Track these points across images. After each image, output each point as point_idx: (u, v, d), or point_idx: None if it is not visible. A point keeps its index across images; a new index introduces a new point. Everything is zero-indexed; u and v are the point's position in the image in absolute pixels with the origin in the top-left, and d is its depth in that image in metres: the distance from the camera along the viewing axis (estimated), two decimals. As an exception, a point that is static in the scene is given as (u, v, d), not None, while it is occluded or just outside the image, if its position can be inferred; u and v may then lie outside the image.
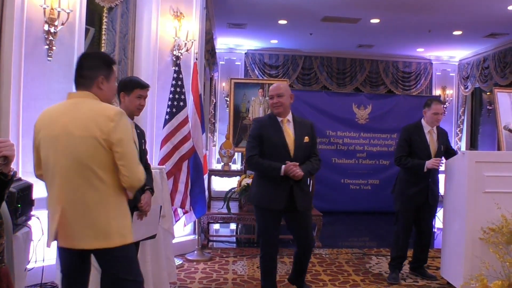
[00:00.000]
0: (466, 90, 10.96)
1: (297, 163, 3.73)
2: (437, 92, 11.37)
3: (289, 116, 3.93)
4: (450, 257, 4.51)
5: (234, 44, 10.79)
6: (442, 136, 4.80)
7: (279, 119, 3.89)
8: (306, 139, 3.87)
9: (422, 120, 4.80)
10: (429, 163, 4.55)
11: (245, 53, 10.98)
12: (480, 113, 11.09)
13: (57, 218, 2.45)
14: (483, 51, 10.22)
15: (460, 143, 11.24)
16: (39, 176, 2.65)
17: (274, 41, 10.37)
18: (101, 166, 2.42)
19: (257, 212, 3.99)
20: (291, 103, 3.93)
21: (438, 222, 8.07)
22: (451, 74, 11.56)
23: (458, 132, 11.31)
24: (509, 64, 9.15)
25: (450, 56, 11.37)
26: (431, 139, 4.74)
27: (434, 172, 4.70)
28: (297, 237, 4.04)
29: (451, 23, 8.31)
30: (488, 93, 10.43)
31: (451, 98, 11.43)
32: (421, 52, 11.00)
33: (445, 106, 11.22)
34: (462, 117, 11.26)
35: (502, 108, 7.21)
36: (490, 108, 10.37)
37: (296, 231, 4.02)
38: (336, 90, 10.90)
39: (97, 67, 2.52)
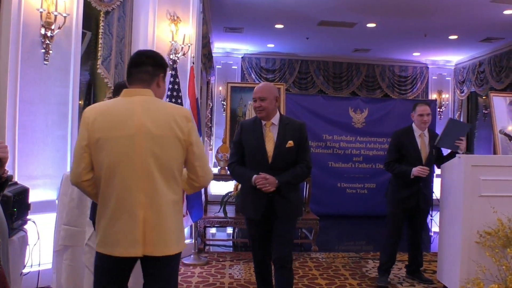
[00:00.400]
0: (462, 94, 11.00)
1: (267, 175, 3.39)
2: (433, 96, 11.41)
3: (275, 119, 3.57)
4: (447, 260, 4.52)
5: (231, 48, 10.80)
6: (434, 139, 4.69)
7: (263, 122, 3.58)
8: (290, 143, 3.50)
9: (413, 124, 4.79)
10: (415, 171, 4.51)
11: (242, 57, 11.00)
12: (476, 117, 11.13)
13: (140, 224, 2.24)
14: (479, 55, 10.26)
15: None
16: (85, 182, 2.30)
17: (271, 45, 10.39)
18: (178, 168, 2.35)
19: (244, 220, 3.84)
20: (276, 106, 3.58)
21: (434, 226, 8.08)
22: (447, 78, 11.60)
23: (454, 136, 11.32)
24: (505, 68, 9.19)
25: (446, 60, 11.41)
26: (422, 142, 4.71)
27: (426, 175, 4.63)
28: (273, 248, 3.57)
29: (447, 27, 8.35)
30: (484, 97, 10.46)
31: (447, 102, 11.47)
32: (417, 56, 11.04)
33: (441, 110, 11.26)
34: (458, 121, 11.28)
35: (498, 112, 7.24)
36: (486, 112, 10.40)
37: (272, 241, 3.57)
38: (332, 94, 10.92)
39: (159, 65, 2.45)
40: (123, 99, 2.34)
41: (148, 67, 2.39)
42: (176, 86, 5.14)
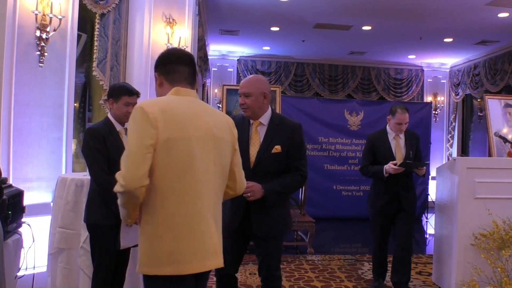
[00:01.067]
0: (457, 97, 11.03)
1: (251, 182, 2.83)
2: (428, 98, 11.44)
3: (264, 118, 3.05)
4: (442, 263, 4.52)
5: (227, 51, 10.81)
6: (411, 140, 4.50)
7: (251, 121, 3.09)
8: (277, 148, 2.98)
9: (387, 127, 4.54)
10: (387, 167, 4.28)
11: (238, 59, 11.00)
12: (471, 119, 11.16)
13: (215, 232, 2.09)
14: (474, 58, 10.30)
15: (451, 149, 11.29)
16: (143, 187, 1.93)
17: (267, 48, 10.40)
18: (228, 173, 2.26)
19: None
20: (265, 103, 3.02)
21: (430, 228, 8.10)
22: (442, 81, 11.63)
23: (450, 139, 11.37)
24: (500, 71, 9.22)
25: (441, 63, 11.44)
26: (397, 145, 4.47)
27: (404, 178, 4.35)
28: (260, 267, 3.14)
29: (442, 30, 8.37)
30: (479, 100, 10.50)
31: (442, 105, 11.50)
32: (413, 59, 11.07)
33: (436, 112, 11.29)
34: (453, 124, 11.32)
35: (493, 115, 7.26)
36: (481, 114, 10.44)
37: (258, 259, 3.14)
38: (328, 97, 10.94)
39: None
40: (179, 98, 2.10)
41: (194, 68, 2.24)
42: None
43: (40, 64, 4.30)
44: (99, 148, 3.12)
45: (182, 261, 1.95)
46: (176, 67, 2.16)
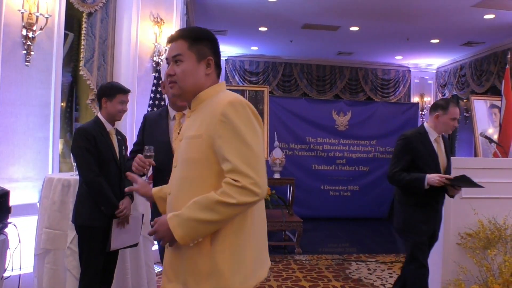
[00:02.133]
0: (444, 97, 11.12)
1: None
2: (415, 99, 11.52)
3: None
4: (429, 262, 4.55)
5: (215, 51, 10.78)
6: (445, 144, 3.80)
7: (171, 112, 3.07)
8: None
9: (426, 125, 3.74)
10: (432, 178, 3.41)
11: (226, 59, 10.99)
12: (458, 120, 11.24)
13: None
14: (460, 59, 10.40)
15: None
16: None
17: (255, 48, 10.40)
18: None
19: None
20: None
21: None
22: (429, 82, 11.72)
23: (436, 139, 11.44)
24: (485, 72, 9.32)
25: (428, 64, 11.53)
26: (439, 149, 3.68)
27: (443, 192, 3.61)
28: None
29: (429, 31, 8.44)
30: (465, 101, 10.59)
31: (429, 105, 11.58)
32: (400, 59, 11.14)
33: (423, 113, 11.38)
34: (440, 124, 11.38)
35: (479, 115, 7.33)
36: (467, 115, 10.53)
37: None
38: (316, 97, 10.97)
39: None
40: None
41: None
42: (159, 89, 5.11)
43: (26, 63, 4.26)
44: (89, 148, 3.11)
45: (259, 269, 1.88)
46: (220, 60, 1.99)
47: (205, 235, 1.73)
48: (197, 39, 1.92)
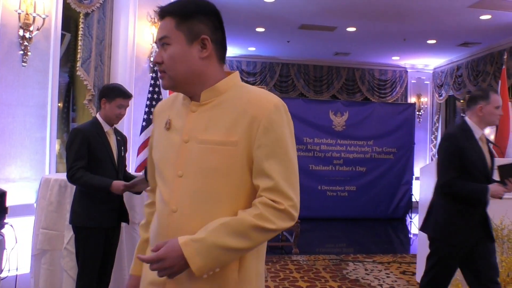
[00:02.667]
0: (440, 98, 11.14)
1: None
2: (412, 99, 11.53)
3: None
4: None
5: (212, 51, 10.77)
6: (489, 143, 3.34)
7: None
8: None
9: (468, 120, 3.23)
10: (496, 192, 2.97)
11: (223, 60, 10.98)
12: (454, 120, 11.28)
13: None
14: (457, 59, 10.42)
15: (434, 150, 11.40)
16: None
17: (252, 49, 10.40)
18: None
19: None
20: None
21: (413, 228, 8.17)
22: (425, 82, 11.74)
23: (433, 139, 11.47)
24: (482, 72, 9.34)
25: (424, 64, 11.55)
26: (485, 148, 3.19)
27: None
28: None
29: (426, 32, 8.45)
30: (461, 101, 10.62)
31: (426, 106, 11.61)
32: (397, 60, 11.15)
33: (420, 113, 11.39)
34: (437, 125, 11.43)
35: (475, 116, 7.33)
36: (463, 115, 10.55)
37: None
38: (313, 97, 10.97)
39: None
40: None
41: None
42: (156, 89, 5.11)
43: (23, 63, 4.26)
44: (80, 150, 3.08)
45: None
46: (224, 37, 1.62)
47: (225, 265, 1.44)
48: (187, 15, 1.51)
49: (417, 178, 4.77)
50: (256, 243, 1.44)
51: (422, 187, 4.75)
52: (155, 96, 5.07)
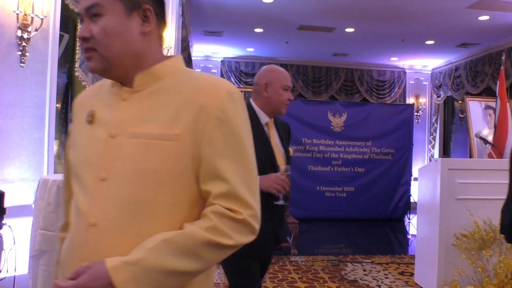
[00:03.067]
0: (439, 99, 11.15)
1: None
2: (410, 100, 11.54)
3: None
4: (424, 263, 4.56)
5: (211, 52, 10.79)
6: None
7: (264, 118, 2.68)
8: (291, 151, 2.67)
9: None
10: None
11: (221, 60, 10.99)
12: (452, 121, 11.29)
13: None
14: (455, 60, 10.43)
15: (433, 150, 11.41)
16: None
17: (250, 49, 10.40)
18: None
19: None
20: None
21: (412, 229, 8.17)
22: (424, 83, 11.75)
23: (431, 140, 11.48)
24: (480, 73, 9.35)
25: (423, 65, 11.56)
26: None
27: None
28: None
29: (424, 32, 8.46)
30: (460, 102, 10.63)
31: (424, 107, 11.62)
32: (395, 61, 11.16)
33: (418, 114, 11.40)
34: (435, 125, 11.44)
35: (474, 116, 7.36)
36: (462, 116, 10.57)
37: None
38: (311, 98, 10.97)
39: None
40: None
41: None
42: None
43: (21, 64, 4.25)
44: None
45: None
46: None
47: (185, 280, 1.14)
48: None
49: (415, 179, 4.77)
50: (209, 264, 1.14)
51: (420, 187, 4.75)
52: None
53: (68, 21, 5.23)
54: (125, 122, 1.19)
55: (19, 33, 4.18)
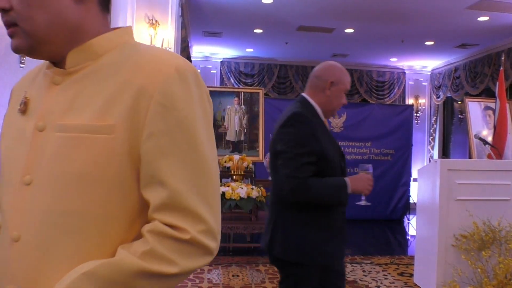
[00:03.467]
0: (438, 99, 11.15)
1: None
2: (410, 101, 11.55)
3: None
4: (423, 264, 4.57)
5: (210, 53, 10.79)
6: None
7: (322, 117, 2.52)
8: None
9: None
10: None
11: (221, 61, 10.99)
12: (451, 122, 11.29)
13: None
14: (455, 61, 10.43)
15: (432, 151, 11.41)
16: None
17: (250, 50, 10.40)
18: None
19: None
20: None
21: (411, 230, 8.18)
22: (423, 84, 11.75)
23: (431, 141, 11.48)
24: (480, 74, 9.35)
25: (422, 66, 11.56)
26: None
27: None
28: None
29: (423, 33, 8.46)
30: (459, 102, 10.63)
31: (423, 107, 11.62)
32: (395, 61, 11.16)
33: (417, 115, 11.40)
34: (435, 126, 11.44)
35: (473, 117, 7.36)
36: (461, 117, 10.57)
37: None
38: (311, 99, 10.95)
39: None
40: None
41: None
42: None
43: (21, 65, 4.25)
44: None
45: None
46: None
47: None
48: None
49: (414, 180, 4.77)
50: None
51: (420, 188, 4.75)
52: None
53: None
54: (54, 112, 0.94)
55: (18, 33, 4.18)
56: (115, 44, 0.99)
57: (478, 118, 7.40)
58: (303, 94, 2.53)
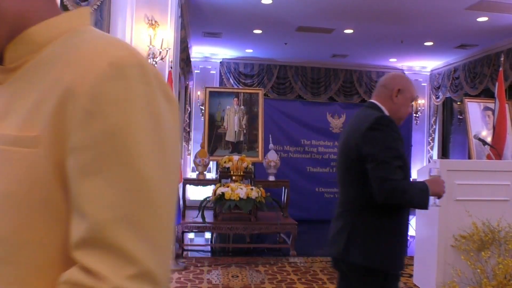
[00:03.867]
0: (438, 100, 11.16)
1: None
2: (409, 101, 11.53)
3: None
4: (423, 264, 4.57)
5: (209, 53, 10.79)
6: None
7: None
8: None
9: None
10: None
11: (220, 62, 10.99)
12: (451, 122, 11.30)
13: None
14: (454, 61, 10.43)
15: (432, 151, 11.42)
16: None
17: (249, 50, 10.40)
18: None
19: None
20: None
21: (411, 230, 8.17)
22: (423, 84, 11.75)
23: (430, 141, 11.49)
24: (479, 74, 9.35)
25: (422, 66, 11.57)
26: None
27: None
28: None
29: (423, 34, 8.47)
30: (458, 103, 10.63)
31: (423, 108, 11.62)
32: (394, 62, 11.17)
33: (417, 115, 11.40)
34: (434, 126, 11.44)
35: (472, 118, 7.36)
36: (460, 117, 10.57)
37: None
38: (310, 99, 10.96)
39: None
40: None
41: None
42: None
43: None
44: None
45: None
46: None
47: None
48: None
49: (414, 180, 4.77)
50: None
51: (419, 189, 4.74)
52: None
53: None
54: None
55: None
56: (60, 32, 0.78)
57: (478, 118, 7.40)
58: (372, 100, 2.55)
